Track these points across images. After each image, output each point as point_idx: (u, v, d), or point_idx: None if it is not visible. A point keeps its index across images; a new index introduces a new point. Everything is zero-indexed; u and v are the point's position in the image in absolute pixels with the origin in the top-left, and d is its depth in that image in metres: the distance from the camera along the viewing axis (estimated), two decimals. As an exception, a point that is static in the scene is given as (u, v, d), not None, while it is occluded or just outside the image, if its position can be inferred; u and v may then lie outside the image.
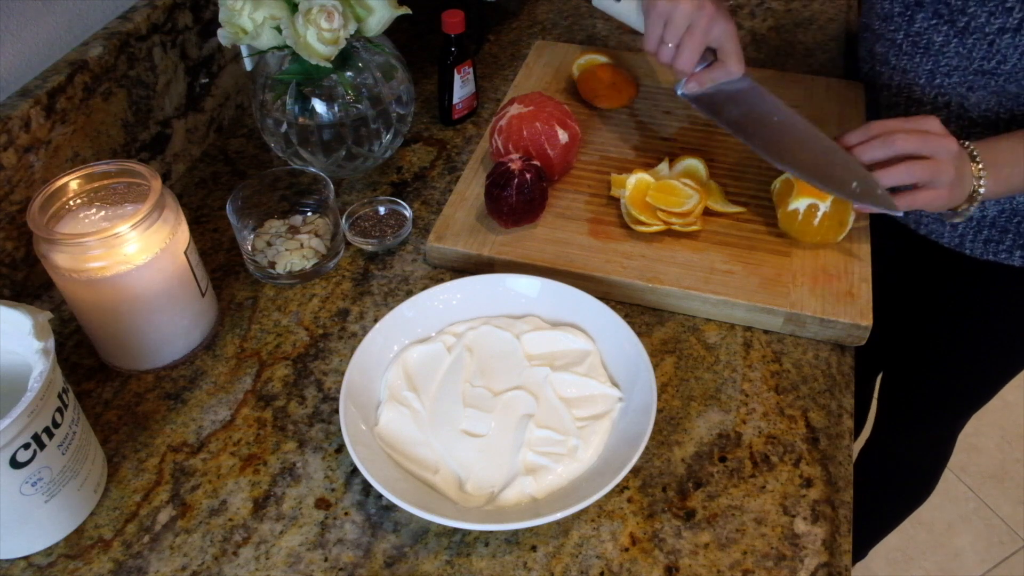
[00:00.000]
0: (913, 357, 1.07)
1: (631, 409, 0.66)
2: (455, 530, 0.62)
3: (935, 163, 0.70)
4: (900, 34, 0.81)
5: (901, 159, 0.72)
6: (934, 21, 0.77)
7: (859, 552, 1.50)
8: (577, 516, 0.63)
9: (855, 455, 1.28)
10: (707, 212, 0.82)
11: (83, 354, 0.74)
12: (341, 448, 0.67)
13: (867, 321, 0.73)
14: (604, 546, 0.61)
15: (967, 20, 0.74)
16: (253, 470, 0.66)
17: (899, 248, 0.97)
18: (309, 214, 0.84)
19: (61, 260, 0.63)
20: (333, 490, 0.65)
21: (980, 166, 0.72)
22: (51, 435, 0.56)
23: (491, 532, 0.62)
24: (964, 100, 0.80)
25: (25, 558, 0.61)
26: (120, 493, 0.65)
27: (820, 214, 0.76)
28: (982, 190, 0.73)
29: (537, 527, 0.62)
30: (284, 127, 0.83)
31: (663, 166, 0.87)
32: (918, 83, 0.82)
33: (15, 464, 0.54)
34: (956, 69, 0.78)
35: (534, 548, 0.61)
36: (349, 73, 0.82)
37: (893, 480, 1.26)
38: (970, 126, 0.81)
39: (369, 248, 0.84)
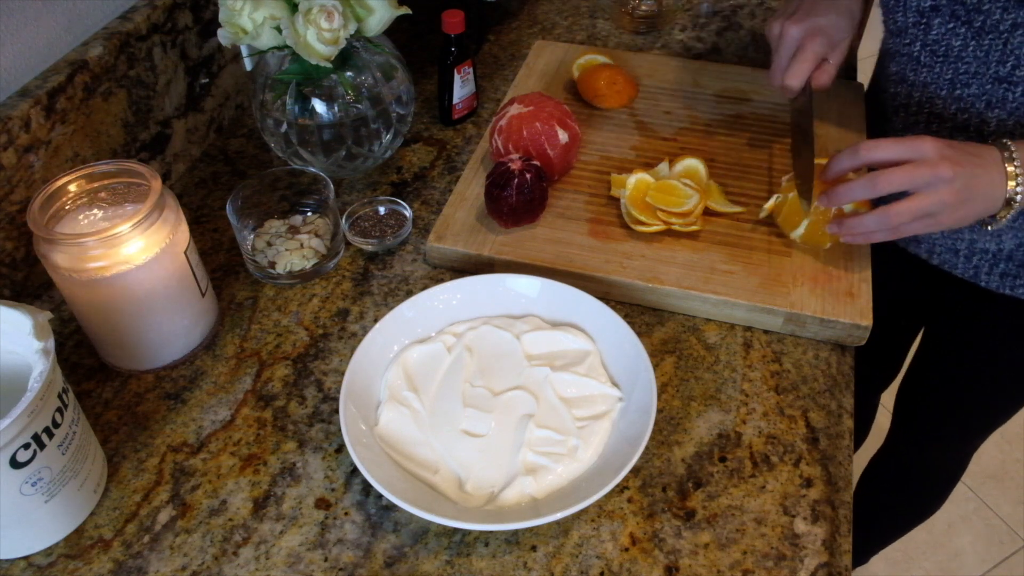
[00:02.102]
0: (929, 378, 1.05)
1: (631, 409, 0.66)
2: (455, 530, 0.62)
3: (922, 198, 0.67)
4: (916, 45, 0.78)
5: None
6: (951, 24, 0.74)
7: (861, 558, 1.49)
8: (577, 516, 0.63)
9: (864, 464, 1.28)
10: (707, 212, 0.82)
11: (83, 354, 0.74)
12: (341, 448, 0.67)
13: (867, 321, 0.73)
14: (604, 546, 0.61)
15: (983, 19, 0.72)
16: (253, 470, 0.66)
17: (911, 274, 0.95)
18: (309, 214, 0.84)
19: (61, 260, 0.63)
20: (333, 490, 0.65)
21: (1017, 167, 0.67)
22: (51, 435, 0.56)
23: (491, 532, 0.62)
24: (983, 120, 0.76)
25: (25, 558, 0.61)
26: (120, 493, 0.65)
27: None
28: (1020, 197, 0.68)
29: (537, 527, 0.62)
30: (284, 127, 0.83)
31: (663, 166, 0.86)
32: (939, 95, 0.79)
33: (15, 464, 0.54)
34: (975, 76, 0.75)
35: (534, 548, 0.61)
36: (349, 73, 0.82)
37: (903, 492, 1.24)
38: None
39: (369, 248, 0.84)
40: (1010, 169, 0.67)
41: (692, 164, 0.86)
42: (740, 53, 1.10)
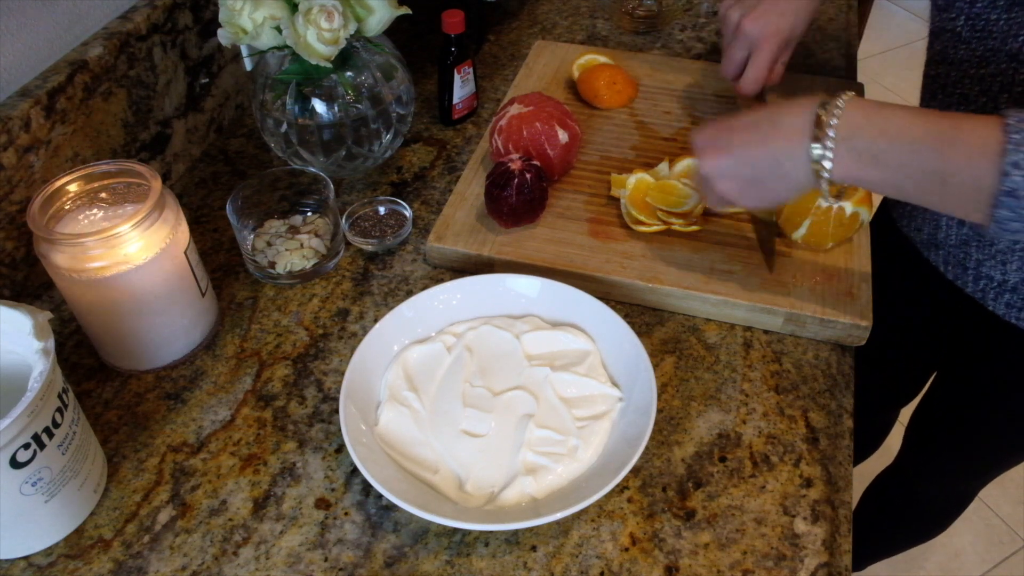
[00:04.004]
0: (941, 411, 1.03)
1: (631, 409, 0.66)
2: (455, 530, 0.62)
3: (709, 192, 0.68)
4: (961, 19, 0.73)
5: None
6: None
7: (856, 565, 1.48)
8: (577, 516, 0.63)
9: (871, 476, 1.27)
10: (707, 212, 0.82)
11: (83, 354, 0.74)
12: (341, 448, 0.67)
13: (867, 321, 0.73)
14: (604, 546, 0.61)
15: None
16: (253, 470, 0.66)
17: (932, 289, 0.93)
18: (309, 214, 0.84)
19: (61, 260, 0.63)
20: (333, 490, 0.65)
21: (832, 129, 0.57)
22: (51, 435, 0.56)
23: (491, 532, 0.62)
24: (996, 104, 0.72)
25: (25, 558, 0.61)
26: (120, 493, 0.65)
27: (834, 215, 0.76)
28: (828, 164, 0.58)
29: (537, 527, 0.62)
30: (284, 127, 0.83)
31: (663, 166, 0.86)
32: (968, 74, 0.74)
33: (15, 464, 0.54)
34: (996, 53, 0.70)
35: (534, 548, 0.61)
36: (349, 73, 0.82)
37: (904, 514, 1.23)
38: None
39: (369, 248, 0.84)
40: (821, 114, 0.58)
41: (692, 164, 0.86)
42: (740, 53, 1.10)
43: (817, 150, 0.58)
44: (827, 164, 0.58)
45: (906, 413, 1.26)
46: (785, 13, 0.79)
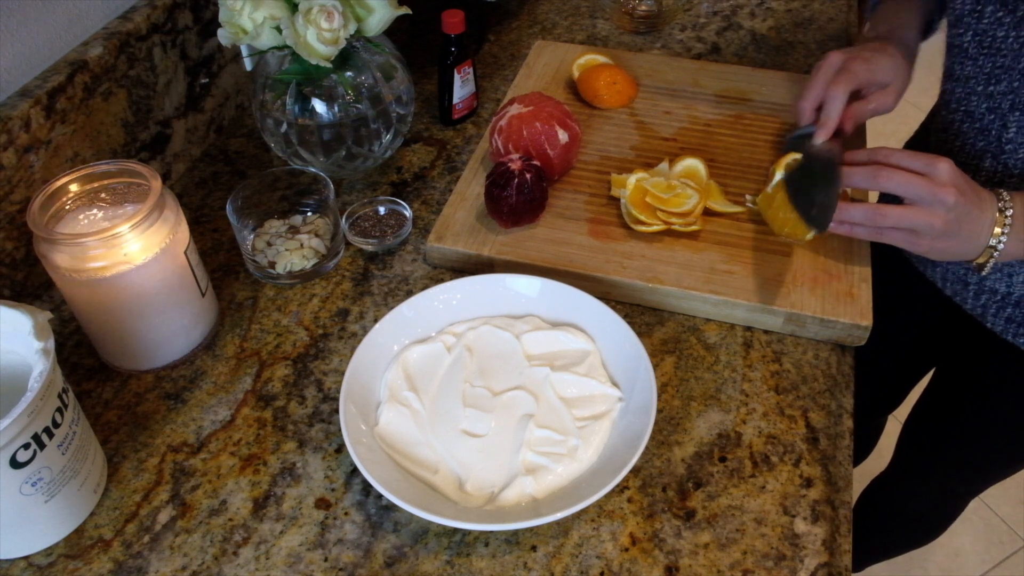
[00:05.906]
0: (932, 421, 1.03)
1: (631, 409, 0.66)
2: (455, 530, 0.62)
3: (915, 211, 0.67)
4: (968, 35, 0.75)
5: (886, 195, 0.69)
6: (1000, 13, 0.72)
7: (852, 568, 1.47)
8: (577, 516, 0.63)
9: (864, 485, 1.27)
10: (707, 212, 0.82)
11: (83, 354, 0.74)
12: (341, 448, 0.67)
13: (867, 321, 0.73)
14: (604, 546, 0.61)
15: None
16: (253, 470, 0.66)
17: (924, 300, 0.93)
18: (309, 214, 0.84)
19: (61, 260, 0.63)
20: (333, 490, 0.65)
21: (1007, 218, 0.68)
22: (51, 435, 0.56)
23: (491, 532, 0.62)
24: (1005, 123, 0.74)
25: (25, 558, 0.61)
26: (120, 493, 0.65)
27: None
28: (1001, 246, 0.68)
29: (537, 527, 0.62)
30: (284, 127, 0.83)
31: (663, 166, 0.87)
32: (975, 91, 0.76)
33: (15, 464, 0.54)
34: (1007, 71, 0.72)
35: (534, 548, 0.61)
36: (349, 73, 0.82)
37: (897, 520, 1.23)
38: (1004, 173, 0.76)
39: (369, 248, 0.84)
40: (999, 218, 0.68)
41: (692, 164, 0.86)
42: (740, 53, 1.10)
43: (993, 241, 0.69)
44: (1000, 247, 0.70)
45: (903, 418, 1.27)
46: (881, 59, 0.80)
